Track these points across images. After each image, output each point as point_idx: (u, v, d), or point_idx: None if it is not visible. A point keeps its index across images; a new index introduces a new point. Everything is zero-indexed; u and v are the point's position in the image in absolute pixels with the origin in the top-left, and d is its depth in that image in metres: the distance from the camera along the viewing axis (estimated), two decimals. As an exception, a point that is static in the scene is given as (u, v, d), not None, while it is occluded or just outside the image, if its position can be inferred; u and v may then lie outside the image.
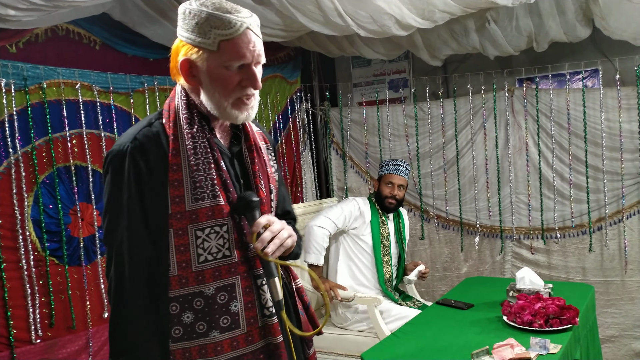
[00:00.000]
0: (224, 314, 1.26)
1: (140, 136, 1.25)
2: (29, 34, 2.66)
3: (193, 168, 1.24)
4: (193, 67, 1.26)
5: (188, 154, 1.24)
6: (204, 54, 1.22)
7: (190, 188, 1.24)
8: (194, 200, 1.24)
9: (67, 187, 2.81)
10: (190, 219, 1.24)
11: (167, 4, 2.79)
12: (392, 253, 3.40)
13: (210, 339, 1.25)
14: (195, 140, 1.26)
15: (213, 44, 1.21)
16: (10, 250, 2.58)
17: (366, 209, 3.37)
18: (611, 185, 3.57)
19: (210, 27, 1.20)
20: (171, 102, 1.31)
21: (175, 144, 1.25)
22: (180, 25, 1.26)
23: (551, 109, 3.68)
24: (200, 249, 1.24)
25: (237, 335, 1.27)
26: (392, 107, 4.26)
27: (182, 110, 1.28)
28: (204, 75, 1.25)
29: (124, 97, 3.09)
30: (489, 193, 3.97)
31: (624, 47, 3.42)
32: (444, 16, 2.91)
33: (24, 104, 2.64)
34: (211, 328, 1.25)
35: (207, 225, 1.25)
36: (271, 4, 2.76)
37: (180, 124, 1.27)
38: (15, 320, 2.57)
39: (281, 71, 4.14)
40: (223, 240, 1.26)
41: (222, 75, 1.24)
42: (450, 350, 2.21)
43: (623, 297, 3.61)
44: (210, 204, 1.25)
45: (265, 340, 1.30)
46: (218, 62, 1.23)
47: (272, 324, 1.30)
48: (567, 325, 2.29)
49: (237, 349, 1.26)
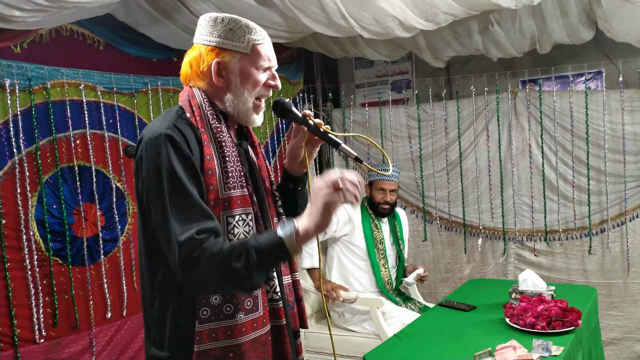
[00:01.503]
0: (248, 297, 1.33)
1: (179, 124, 1.30)
2: (34, 35, 2.67)
3: (226, 159, 1.33)
4: (223, 69, 1.37)
5: (219, 146, 1.34)
6: (236, 56, 1.37)
7: (222, 177, 1.32)
8: (226, 188, 1.32)
9: (71, 187, 2.82)
10: (223, 206, 1.31)
11: (171, 5, 2.80)
12: (389, 255, 3.39)
13: (236, 321, 1.31)
14: (223, 134, 1.36)
15: (247, 48, 1.37)
16: (14, 250, 2.59)
17: (356, 214, 3.37)
18: (614, 188, 3.57)
19: (244, 32, 1.36)
20: (192, 99, 1.38)
21: (206, 136, 1.33)
22: (207, 32, 1.38)
23: (554, 111, 3.68)
24: (231, 235, 1.32)
25: (257, 317, 1.35)
26: (394, 108, 4.26)
27: (206, 107, 1.37)
28: (234, 75, 1.37)
29: (128, 97, 3.09)
30: (492, 195, 3.97)
31: (627, 50, 3.42)
32: (447, 18, 2.91)
33: (28, 104, 2.64)
34: (237, 310, 1.31)
35: (237, 212, 1.33)
36: (274, 5, 2.77)
37: (207, 118, 1.35)
38: (19, 320, 2.58)
39: (284, 72, 4.15)
40: (248, 228, 1.35)
41: (253, 74, 1.38)
42: (452, 352, 2.21)
43: (626, 300, 3.61)
44: (239, 193, 1.34)
45: (273, 322, 1.39)
46: (250, 63, 1.38)
47: (279, 307, 1.39)
48: (569, 327, 2.29)
49: (256, 330, 1.34)
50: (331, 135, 1.43)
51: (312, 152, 1.52)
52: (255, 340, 1.34)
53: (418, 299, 3.45)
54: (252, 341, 1.33)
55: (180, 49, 3.14)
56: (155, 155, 1.24)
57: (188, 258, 1.19)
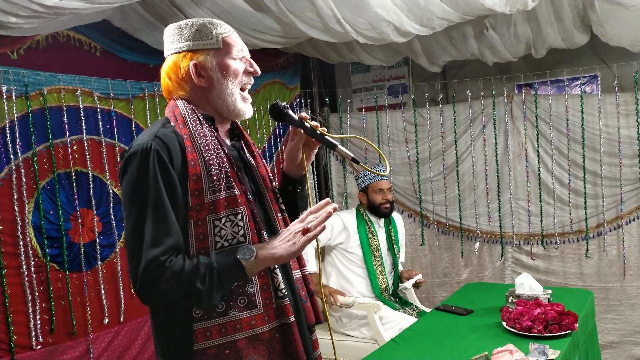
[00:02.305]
0: (241, 295, 1.34)
1: (160, 134, 1.33)
2: (30, 41, 2.68)
3: (209, 163, 1.34)
4: (201, 68, 1.40)
5: (202, 150, 1.34)
6: (209, 53, 1.40)
7: (207, 181, 1.33)
8: (211, 192, 1.33)
9: (68, 193, 2.82)
10: (209, 210, 1.33)
11: (167, 11, 2.81)
12: (385, 261, 3.39)
13: (229, 317, 1.32)
14: (206, 138, 1.36)
15: (217, 42, 1.40)
16: (11, 256, 2.59)
17: (351, 222, 3.37)
18: (610, 191, 3.58)
19: (210, 29, 1.40)
20: (175, 109, 1.42)
21: (190, 142, 1.35)
22: (174, 40, 1.42)
23: (550, 115, 3.69)
24: (217, 237, 1.33)
25: (255, 314, 1.34)
26: (391, 112, 4.27)
27: (188, 114, 1.39)
28: (213, 71, 1.40)
29: (125, 103, 3.10)
30: (489, 199, 3.97)
31: (622, 53, 3.44)
32: (443, 23, 2.92)
33: (24, 110, 2.65)
34: (230, 307, 1.32)
35: (223, 214, 1.34)
36: (270, 10, 2.78)
37: (190, 124, 1.37)
38: (15, 326, 2.58)
39: (281, 77, 4.16)
40: (237, 228, 1.34)
41: (231, 65, 1.41)
42: (449, 356, 2.21)
43: (623, 303, 3.61)
44: (225, 195, 1.34)
45: (279, 320, 1.38)
46: (224, 56, 1.41)
47: (285, 304, 1.38)
48: (566, 331, 2.29)
49: (255, 327, 1.34)
50: (328, 137, 1.45)
51: (310, 155, 1.54)
52: (255, 338, 1.33)
53: (415, 304, 3.45)
54: (249, 338, 1.33)
55: (177, 54, 3.15)
56: (133, 168, 1.30)
57: (150, 276, 1.24)
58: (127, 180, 1.30)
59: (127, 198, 1.30)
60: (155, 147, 1.29)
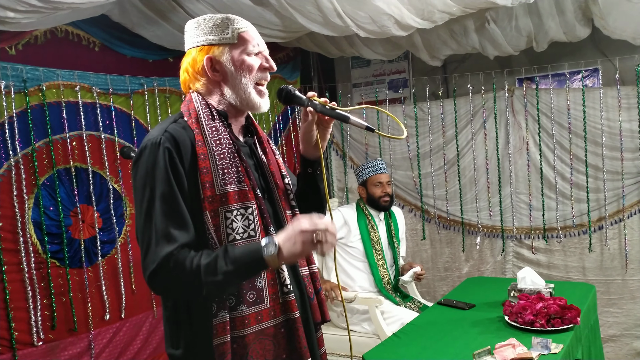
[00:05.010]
0: (250, 290, 1.36)
1: (171, 129, 1.36)
2: (28, 36, 2.66)
3: (221, 157, 1.37)
4: (216, 63, 1.42)
5: (213, 145, 1.37)
6: (225, 47, 1.42)
7: (218, 174, 1.35)
8: (222, 184, 1.35)
9: (68, 189, 2.81)
10: (220, 202, 1.35)
11: (166, 6, 2.79)
12: (386, 255, 3.39)
13: (238, 313, 1.34)
14: (218, 133, 1.39)
15: (233, 37, 1.42)
16: (11, 253, 2.58)
17: (351, 217, 3.37)
18: (612, 185, 3.57)
19: (227, 24, 1.42)
20: (189, 104, 1.44)
21: (200, 137, 1.37)
22: (193, 35, 1.44)
23: (551, 109, 3.68)
24: (230, 229, 1.35)
25: (262, 309, 1.37)
26: (392, 107, 4.26)
27: (202, 109, 1.41)
28: (228, 66, 1.42)
29: (124, 98, 3.09)
30: (490, 193, 3.97)
31: (623, 47, 3.42)
32: (444, 16, 2.91)
33: (23, 106, 2.63)
34: (240, 303, 1.34)
35: (234, 207, 1.36)
36: (270, 4, 2.76)
37: (202, 119, 1.39)
38: (16, 323, 2.57)
39: (281, 72, 4.14)
40: (248, 222, 1.37)
41: (245, 60, 1.43)
42: (451, 350, 2.21)
43: (624, 297, 3.61)
44: (236, 188, 1.37)
45: (285, 316, 1.40)
46: (240, 51, 1.43)
47: (290, 300, 1.40)
48: (568, 325, 2.29)
49: (261, 322, 1.36)
50: (338, 110, 1.47)
51: (325, 134, 1.54)
52: (261, 332, 1.36)
53: (417, 298, 3.45)
54: (256, 333, 1.35)
55: (176, 49, 3.14)
56: (144, 162, 1.33)
57: (164, 271, 1.26)
58: (137, 174, 1.34)
59: (139, 191, 1.33)
60: (165, 141, 1.32)
